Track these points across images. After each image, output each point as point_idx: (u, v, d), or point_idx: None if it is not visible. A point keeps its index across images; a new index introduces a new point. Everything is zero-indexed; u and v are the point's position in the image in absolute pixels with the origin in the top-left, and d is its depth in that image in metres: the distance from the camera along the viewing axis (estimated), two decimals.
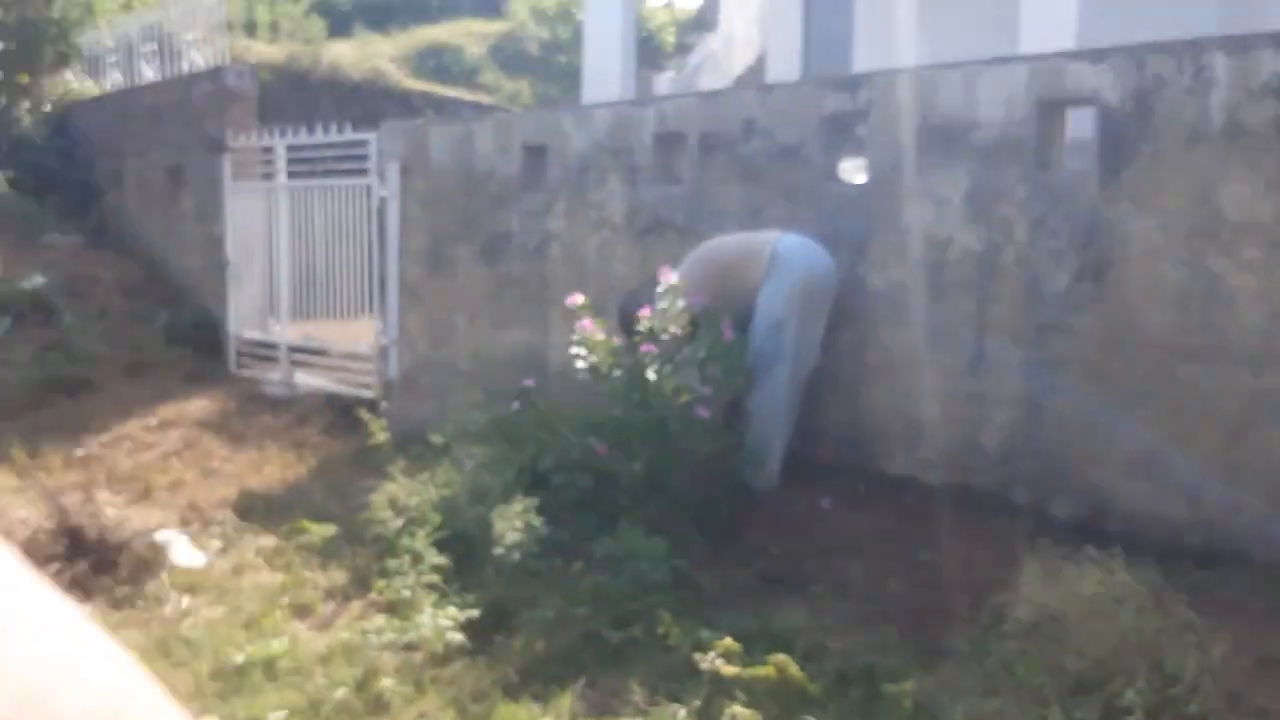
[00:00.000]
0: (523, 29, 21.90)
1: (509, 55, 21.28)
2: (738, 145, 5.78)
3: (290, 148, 8.51)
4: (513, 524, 4.29)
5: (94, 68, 11.36)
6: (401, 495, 4.69)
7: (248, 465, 7.00)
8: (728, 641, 3.55)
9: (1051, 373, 4.79)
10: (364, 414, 5.35)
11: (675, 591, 4.28)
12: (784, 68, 16.06)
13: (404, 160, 7.48)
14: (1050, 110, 4.84)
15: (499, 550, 4.27)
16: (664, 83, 19.38)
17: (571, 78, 21.44)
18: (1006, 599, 3.77)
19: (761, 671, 3.43)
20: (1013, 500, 4.95)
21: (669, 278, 4.97)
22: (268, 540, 5.11)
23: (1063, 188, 4.74)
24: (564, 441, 5.04)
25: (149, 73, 10.24)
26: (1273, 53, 4.17)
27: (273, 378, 8.73)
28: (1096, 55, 4.64)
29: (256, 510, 5.86)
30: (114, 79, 10.84)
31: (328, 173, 8.28)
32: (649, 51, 22.79)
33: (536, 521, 4.32)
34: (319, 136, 8.17)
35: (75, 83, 11.57)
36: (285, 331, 8.71)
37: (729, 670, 3.43)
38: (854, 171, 5.79)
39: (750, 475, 5.29)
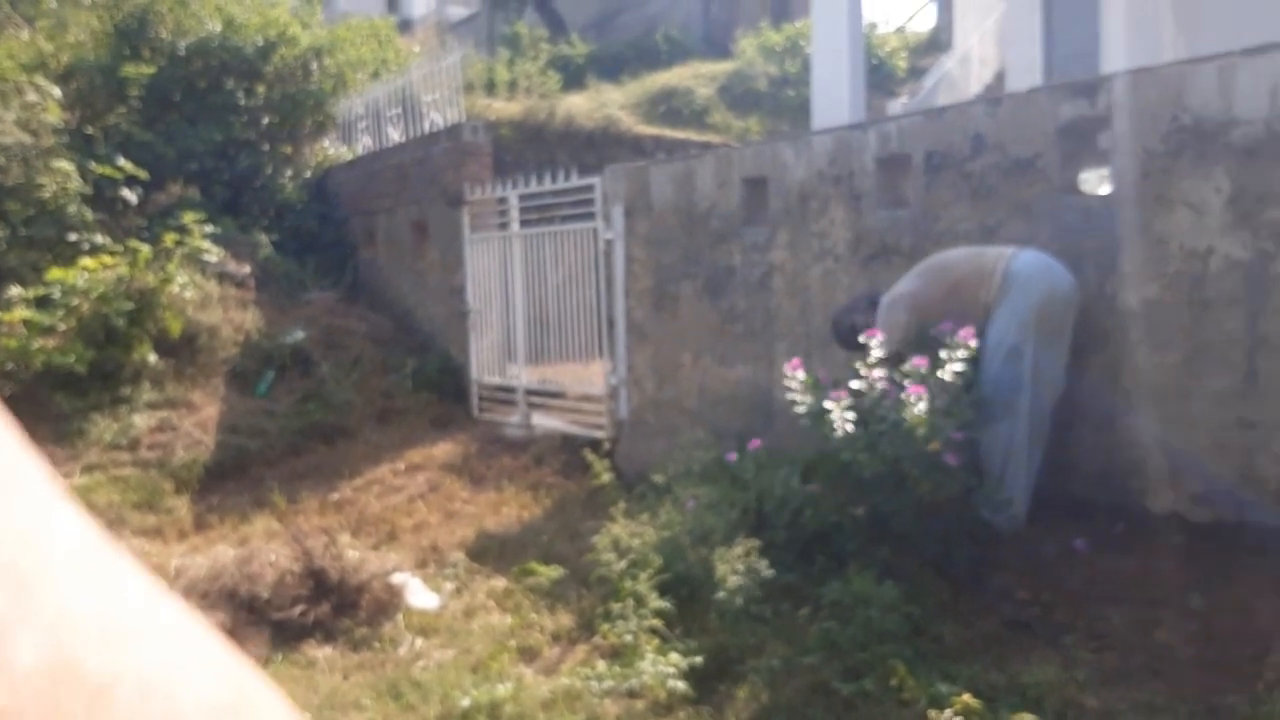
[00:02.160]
0: (750, 67, 21.95)
1: (737, 94, 21.35)
2: (966, 162, 5.45)
3: (522, 196, 8.73)
4: (734, 567, 4.12)
5: (347, 134, 12.09)
6: (624, 536, 4.62)
7: (486, 507, 7.15)
8: (967, 698, 3.25)
9: None
10: (590, 455, 5.32)
11: (911, 641, 4.00)
12: (1025, 84, 15.34)
13: (628, 202, 7.51)
14: None
15: (721, 594, 4.11)
16: (897, 108, 18.91)
17: (801, 111, 21.27)
18: None
19: None
20: None
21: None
22: (498, 582, 5.15)
23: None
24: (786, 483, 4.83)
25: (394, 135, 10.79)
26: None
27: (511, 420, 8.93)
28: None
29: (490, 552, 5.95)
30: (364, 143, 11.50)
31: (558, 219, 8.43)
32: (881, 78, 22.36)
33: (760, 564, 4.13)
34: (547, 184, 8.33)
35: (330, 149, 12.36)
36: (522, 375, 8.90)
37: None
38: (1096, 182, 5.35)
39: (992, 515, 4.91)
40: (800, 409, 4.76)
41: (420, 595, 4.92)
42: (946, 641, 4.08)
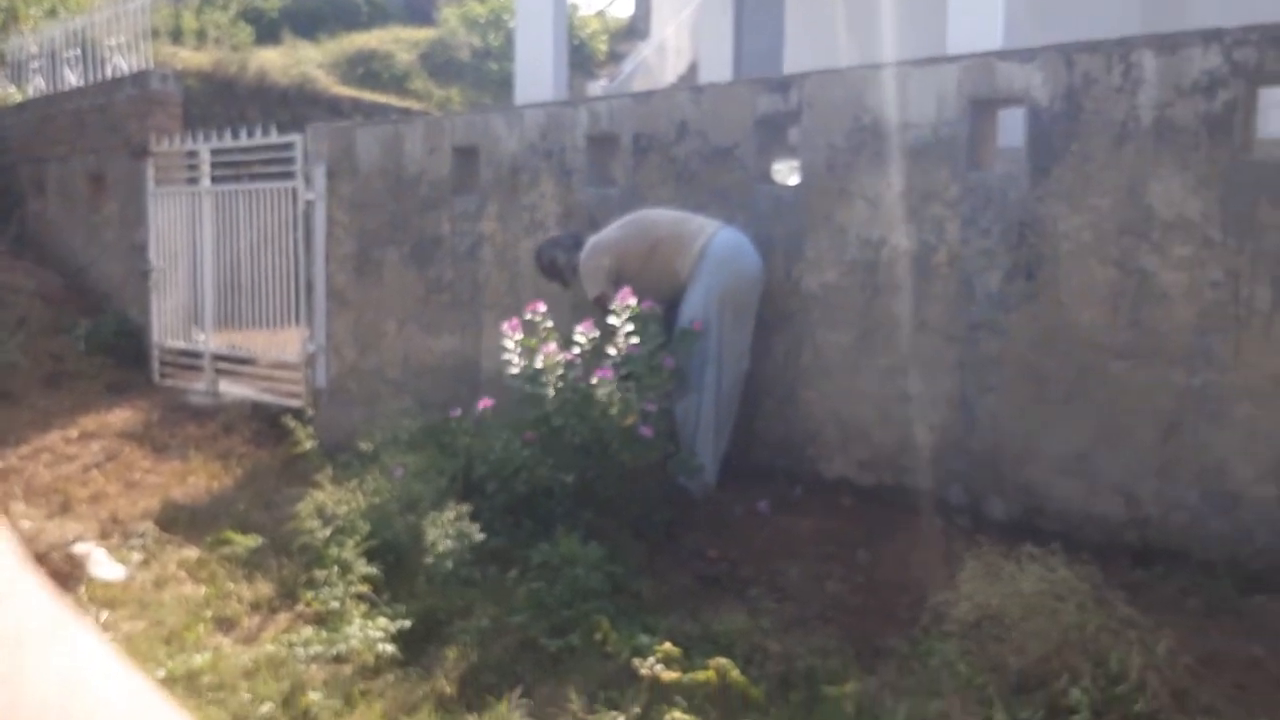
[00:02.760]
0: (453, 36, 21.75)
1: (439, 62, 21.10)
2: (671, 147, 5.73)
3: (215, 151, 8.30)
4: (445, 532, 4.17)
5: (16, 74, 10.99)
6: (329, 504, 4.55)
7: (171, 476, 6.79)
8: (667, 646, 3.48)
9: (984, 372, 4.79)
10: (291, 421, 5.18)
11: (613, 598, 4.19)
12: (716, 76, 16.15)
13: (330, 163, 7.32)
14: (981, 109, 4.85)
15: (430, 559, 4.15)
16: (597, 90, 19.34)
17: (503, 85, 21.33)
18: (947, 598, 3.74)
19: (701, 676, 3.36)
20: (948, 500, 4.95)
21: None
22: (190, 552, 4.93)
23: (994, 187, 4.75)
24: (497, 449, 4.92)
25: (72, 78, 9.93)
26: (1200, 50, 4.21)
27: (197, 387, 8.49)
28: (1026, 54, 4.66)
29: (180, 522, 5.68)
30: (37, 85, 10.50)
31: (253, 177, 8.08)
32: (581, 59, 22.75)
33: (471, 529, 4.20)
34: (243, 140, 7.97)
35: None
36: (210, 340, 8.48)
37: (669, 676, 3.36)
38: (787, 173, 5.77)
39: (685, 481, 5.23)
40: (513, 370, 4.86)
41: (105, 566, 4.64)
42: (645, 597, 4.30)
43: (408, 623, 3.97)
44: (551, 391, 4.64)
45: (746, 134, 5.47)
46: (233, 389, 8.30)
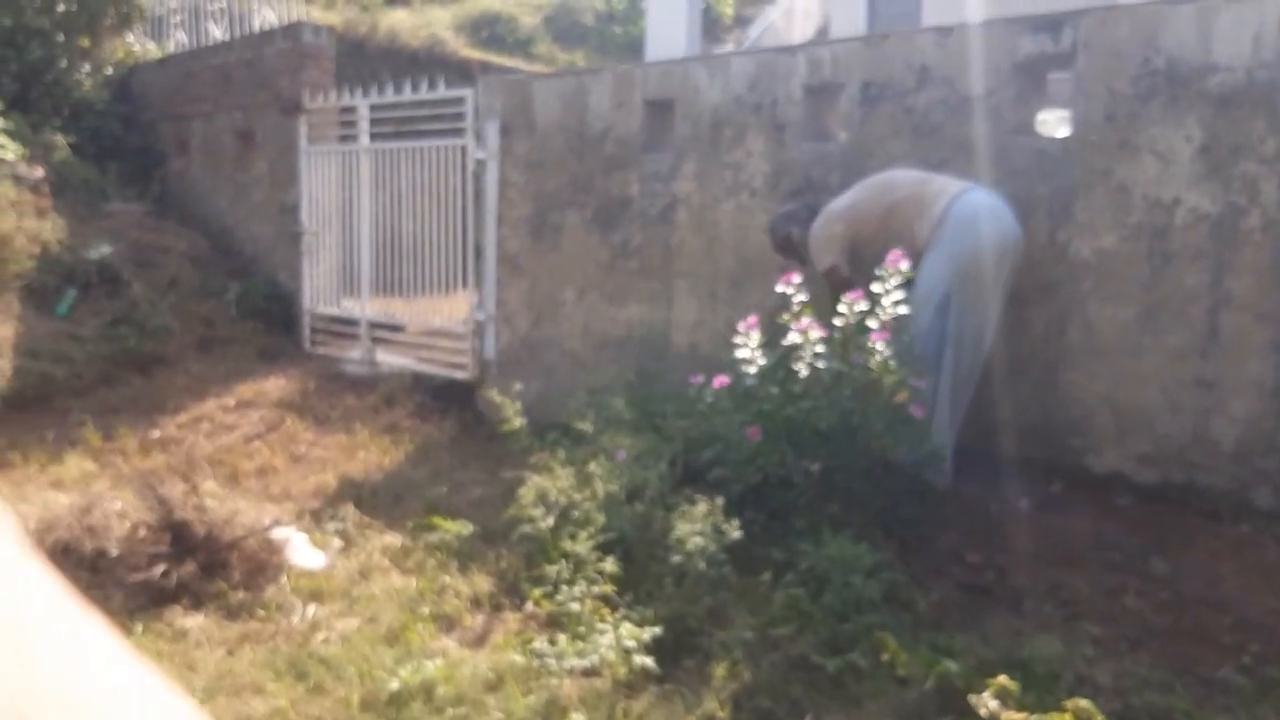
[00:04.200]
0: (577, 0, 21.28)
1: (563, 26, 20.66)
2: (908, 95, 5.09)
3: (374, 107, 7.86)
4: (697, 527, 3.63)
5: (157, 29, 10.74)
6: (553, 490, 4.04)
7: (338, 450, 6.40)
8: (1003, 680, 2.89)
9: None
10: (497, 396, 4.69)
11: (884, 609, 3.63)
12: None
13: (504, 119, 6.82)
14: None
15: (679, 556, 3.62)
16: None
17: (628, 49, 20.78)
18: None
19: (1056, 718, 2.77)
20: (1253, 503, 4.27)
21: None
22: (392, 538, 4.48)
23: None
24: (729, 432, 4.37)
25: (217, 32, 9.62)
26: None
27: (352, 356, 8.12)
28: None
29: (363, 501, 5.25)
30: (179, 40, 10.22)
31: (416, 134, 7.63)
32: (708, 23, 22.07)
33: (729, 525, 3.66)
34: (408, 94, 7.51)
35: (138, 45, 10.94)
36: (366, 306, 8.08)
37: (1013, 717, 2.77)
38: (1054, 124, 5.10)
39: (929, 472, 4.61)
40: (750, 369, 4.29)
41: (304, 553, 4.20)
42: (919, 609, 3.73)
43: (658, 630, 3.44)
44: (805, 370, 4.06)
45: (1004, 80, 4.81)
46: (390, 358, 7.90)
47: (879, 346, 3.92)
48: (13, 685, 0.38)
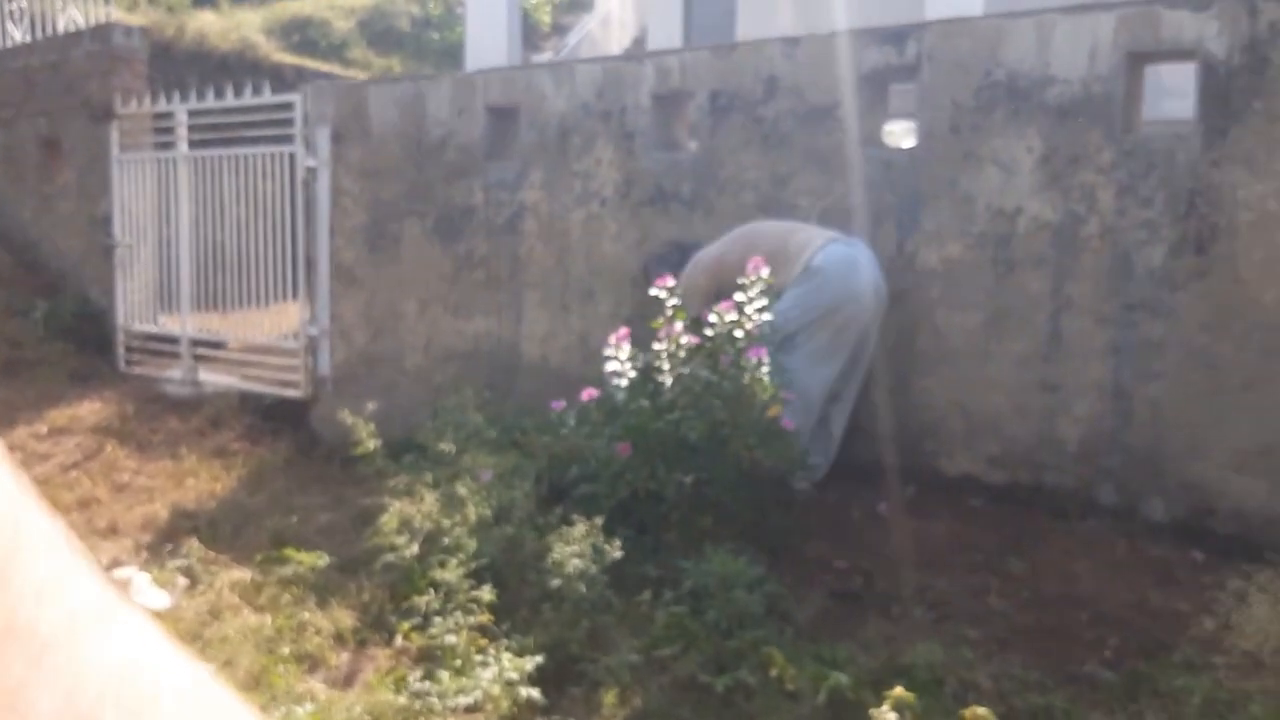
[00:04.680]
0: (391, 3, 20.81)
1: (378, 31, 20.17)
2: (758, 106, 5.11)
3: (194, 113, 7.42)
4: (576, 549, 3.52)
5: None
6: (416, 515, 3.85)
7: (165, 478, 5.98)
8: (899, 691, 2.88)
9: (1144, 357, 4.29)
10: (351, 418, 4.44)
11: (764, 622, 3.60)
12: (665, 48, 15.68)
13: (336, 125, 6.54)
14: (1138, 64, 4.34)
15: (558, 580, 3.50)
16: (543, 62, 18.64)
17: (445, 55, 20.46)
18: (1204, 624, 3.23)
19: None
20: (1098, 500, 4.45)
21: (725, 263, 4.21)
22: (240, 573, 4.18)
23: (1157, 150, 4.24)
24: (592, 451, 4.27)
25: (16, 34, 8.90)
26: None
27: (172, 375, 7.64)
28: (1199, 2, 4.15)
29: (200, 533, 4.91)
30: None
31: (237, 141, 7.24)
32: (525, 31, 21.94)
33: (609, 546, 3.55)
34: (230, 100, 7.12)
35: None
36: (187, 323, 7.62)
37: None
38: (901, 135, 5.20)
39: (795, 480, 4.63)
40: (619, 381, 4.19)
41: (148, 594, 3.87)
42: (796, 620, 3.72)
43: (540, 659, 3.31)
44: (670, 379, 4.00)
45: (851, 91, 4.88)
46: (215, 377, 7.46)
47: (752, 360, 3.89)
48: (69, 684, 0.38)
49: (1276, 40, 3.99)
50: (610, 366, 4.23)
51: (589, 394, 4.24)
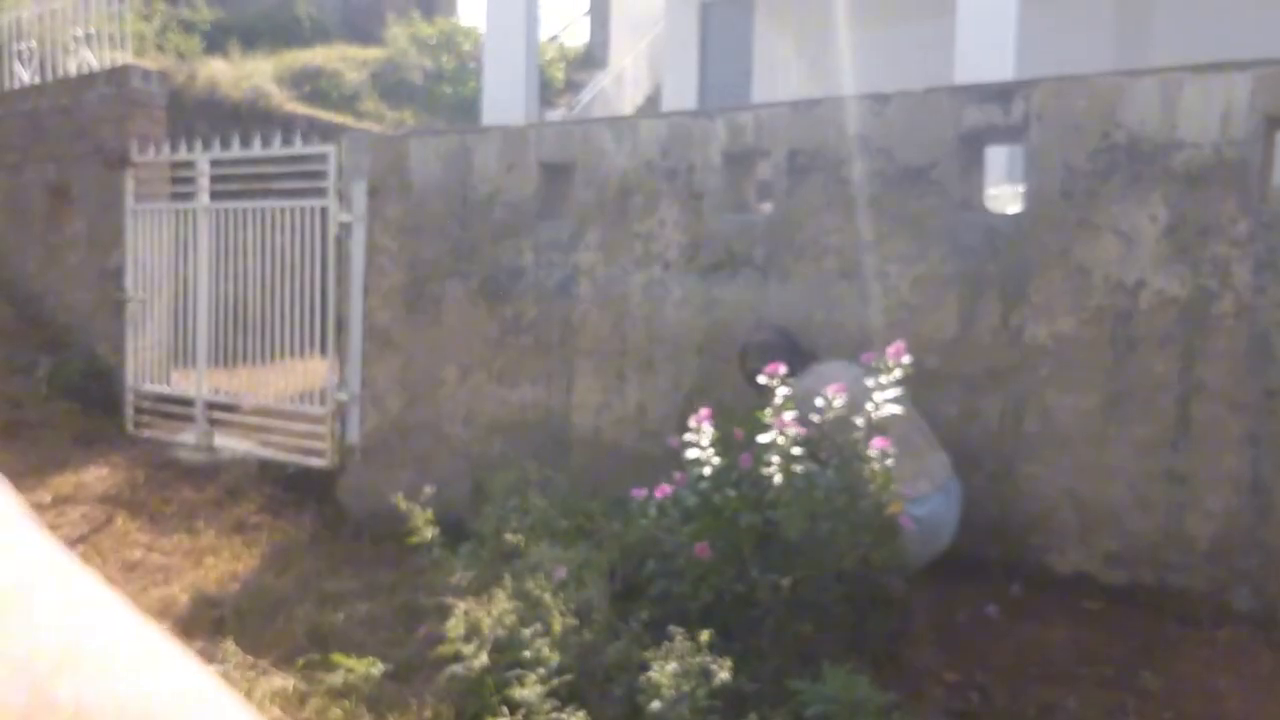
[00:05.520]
0: (403, 57, 20.62)
1: (390, 83, 19.94)
2: (842, 165, 4.73)
3: (216, 162, 7.03)
4: (673, 667, 3.06)
5: None
6: (484, 619, 3.39)
7: (181, 556, 5.52)
8: None
9: None
10: (402, 502, 3.99)
11: None
12: (681, 107, 15.52)
13: (373, 179, 6.15)
14: (1275, 129, 3.97)
15: (658, 704, 3.04)
16: (556, 118, 18.47)
17: (458, 109, 20.22)
18: None
19: None
20: (1232, 604, 4.01)
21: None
22: (281, 680, 3.70)
23: None
24: (663, 543, 3.83)
25: (24, 75, 8.53)
26: None
27: (185, 440, 7.18)
28: None
29: (225, 624, 4.44)
30: None
31: (263, 193, 6.85)
32: (539, 87, 21.79)
33: (718, 667, 3.10)
34: (258, 149, 6.74)
35: None
36: (203, 384, 7.17)
37: None
38: (1006, 199, 4.83)
39: (890, 578, 4.18)
40: (704, 470, 3.74)
41: None
42: None
43: None
44: (779, 475, 3.56)
45: (948, 151, 4.50)
46: (232, 443, 7.01)
47: (874, 451, 3.46)
48: (21, 647, 0.38)
49: None
50: (691, 453, 3.78)
51: (663, 490, 3.78)
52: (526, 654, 3.19)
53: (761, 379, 3.73)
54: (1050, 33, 11.09)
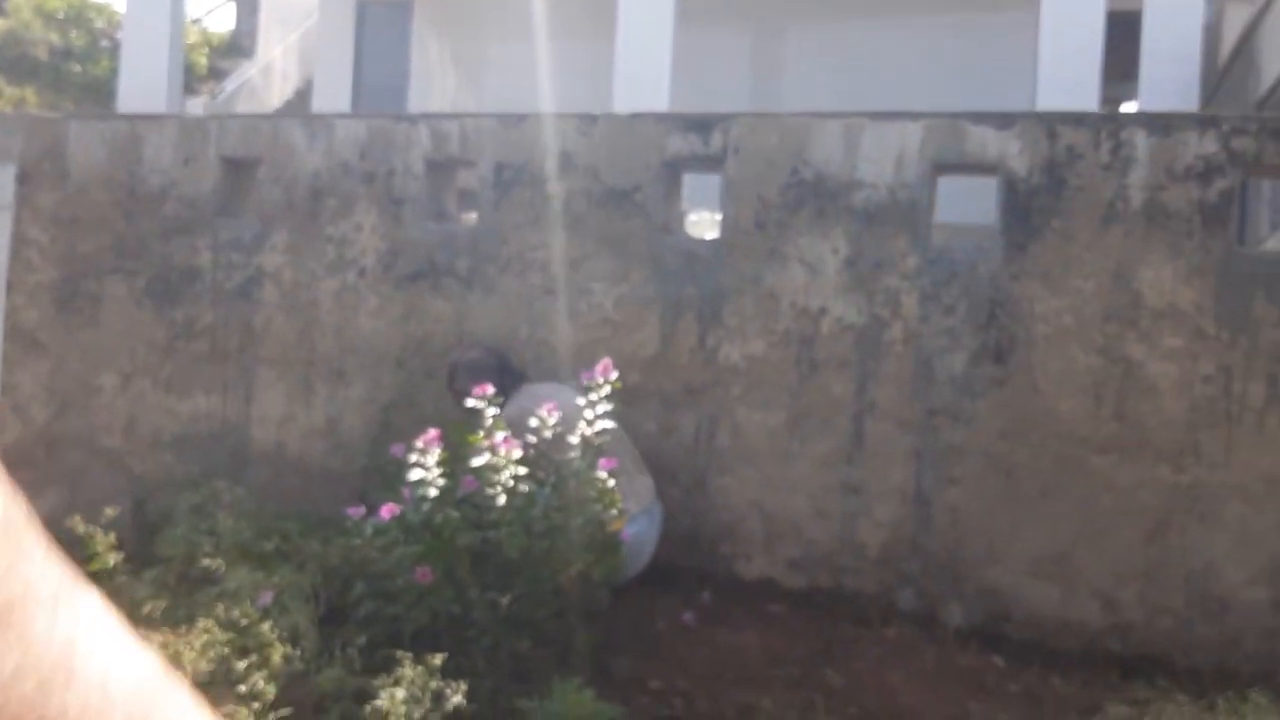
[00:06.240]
0: (26, 30, 18.60)
1: (10, 58, 17.95)
2: (548, 182, 4.78)
3: None
4: (403, 694, 2.96)
5: None
6: (190, 656, 3.12)
7: None
8: None
9: (944, 463, 4.33)
10: (84, 527, 3.58)
11: None
12: (332, 106, 15.16)
13: (25, 164, 5.52)
14: (942, 174, 4.44)
15: None
16: (197, 107, 17.42)
17: (88, 90, 18.57)
18: None
19: None
20: (897, 605, 4.42)
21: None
22: None
23: (960, 260, 4.33)
24: (376, 563, 3.71)
25: None
26: (1196, 135, 4.05)
27: None
28: (1003, 120, 4.30)
29: None
30: None
31: None
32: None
33: (451, 689, 3.02)
34: None
35: None
36: None
37: None
38: (706, 225, 5.03)
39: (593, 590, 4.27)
40: (429, 491, 3.63)
41: None
42: None
43: None
44: (502, 495, 3.53)
45: (651, 176, 4.67)
46: None
47: (600, 472, 3.51)
48: (19, 657, 0.38)
49: (1073, 163, 4.19)
50: (414, 474, 3.68)
51: (389, 509, 3.65)
52: (242, 689, 2.97)
53: (470, 401, 3.69)
54: (697, 64, 11.68)
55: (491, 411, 3.61)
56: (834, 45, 12.07)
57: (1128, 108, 13.18)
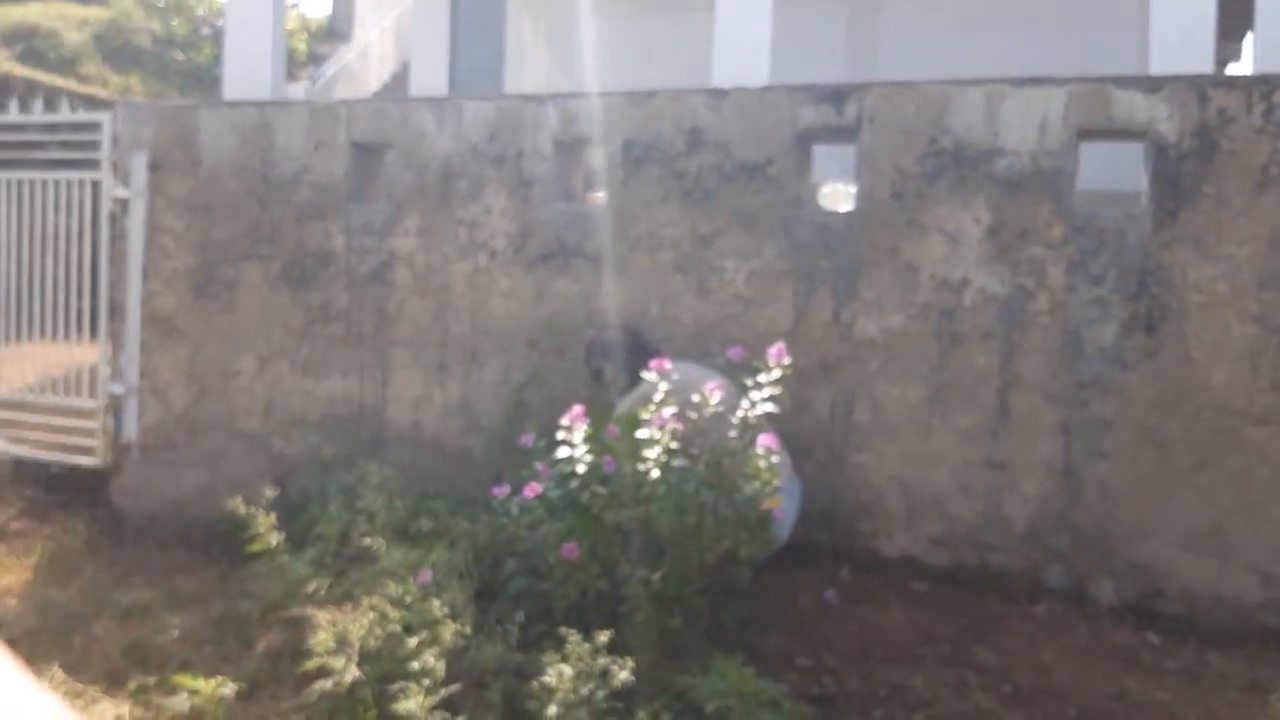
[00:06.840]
0: (128, 19, 19.05)
1: (114, 47, 18.40)
2: (679, 159, 4.76)
3: None
4: (570, 670, 2.99)
5: None
6: (353, 630, 3.19)
7: None
8: None
9: (1094, 436, 4.23)
10: (242, 507, 3.66)
11: None
12: (430, 86, 15.23)
13: (156, 152, 5.65)
14: (1082, 140, 4.31)
15: (555, 709, 2.95)
16: (298, 92, 17.64)
17: (191, 77, 18.96)
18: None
19: None
20: (1045, 582, 4.33)
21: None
22: (111, 708, 3.33)
23: (1109, 229, 4.20)
24: (524, 541, 3.74)
25: None
26: None
27: None
28: (1150, 84, 4.16)
29: (16, 645, 3.96)
30: None
31: (17, 164, 6.15)
32: None
33: (618, 664, 3.04)
34: (14, 115, 6.04)
35: None
36: None
37: None
38: (838, 198, 4.97)
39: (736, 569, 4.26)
40: (576, 468, 3.64)
41: None
42: None
43: None
44: (656, 472, 3.53)
45: (784, 149, 4.61)
46: None
47: (760, 450, 3.49)
48: None
49: (1225, 126, 4.04)
50: (562, 451, 3.69)
51: (533, 489, 3.67)
52: (415, 665, 3.02)
53: (643, 374, 3.69)
54: (793, 37, 11.52)
55: (662, 386, 3.60)
56: (930, 14, 11.80)
57: (1234, 69, 12.70)
